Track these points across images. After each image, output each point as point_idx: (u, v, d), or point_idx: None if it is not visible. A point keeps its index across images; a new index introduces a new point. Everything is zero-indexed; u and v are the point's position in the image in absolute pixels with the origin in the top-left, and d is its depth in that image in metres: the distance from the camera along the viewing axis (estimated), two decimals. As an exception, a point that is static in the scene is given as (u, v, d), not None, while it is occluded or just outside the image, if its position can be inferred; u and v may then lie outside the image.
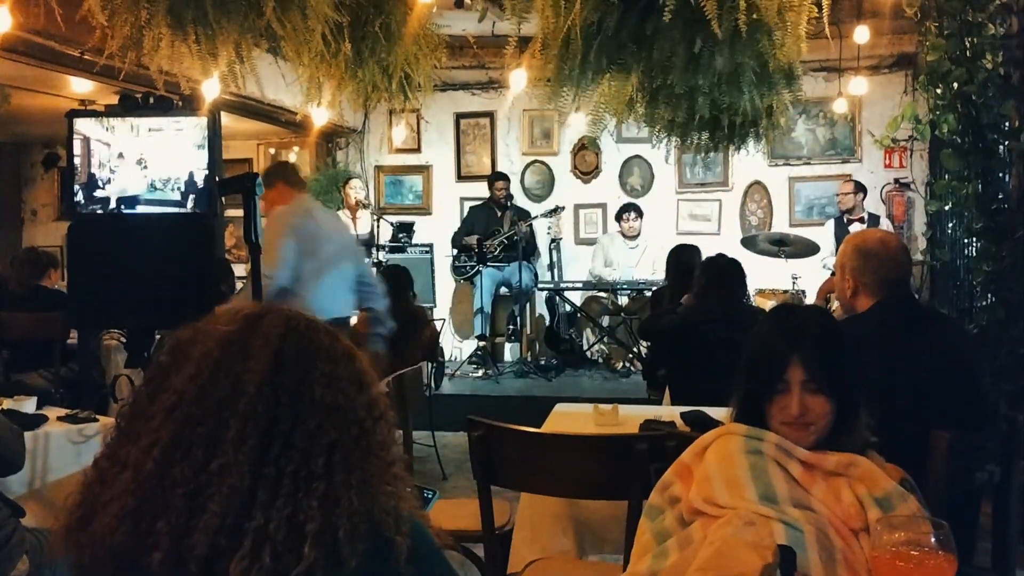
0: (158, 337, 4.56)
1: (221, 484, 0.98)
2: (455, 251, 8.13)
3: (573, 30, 3.11)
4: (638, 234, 7.92)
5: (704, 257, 4.70)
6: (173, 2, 3.35)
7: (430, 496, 1.54)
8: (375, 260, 7.51)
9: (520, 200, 8.40)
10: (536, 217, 7.90)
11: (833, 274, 3.07)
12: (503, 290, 7.94)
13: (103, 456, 1.06)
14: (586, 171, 8.74)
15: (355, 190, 7.78)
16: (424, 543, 1.12)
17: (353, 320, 4.45)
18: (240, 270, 6.52)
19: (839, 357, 1.78)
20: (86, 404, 4.26)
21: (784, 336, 1.79)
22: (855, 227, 7.32)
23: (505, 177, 8.13)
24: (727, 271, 4.16)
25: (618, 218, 7.99)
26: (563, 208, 8.08)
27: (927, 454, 2.28)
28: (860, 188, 7.46)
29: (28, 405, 3.45)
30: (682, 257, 5.09)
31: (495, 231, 7.78)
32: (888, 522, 1.39)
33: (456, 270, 8.13)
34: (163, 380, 1.06)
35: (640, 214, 7.92)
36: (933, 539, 1.31)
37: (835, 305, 3.48)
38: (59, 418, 3.42)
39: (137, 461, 1.00)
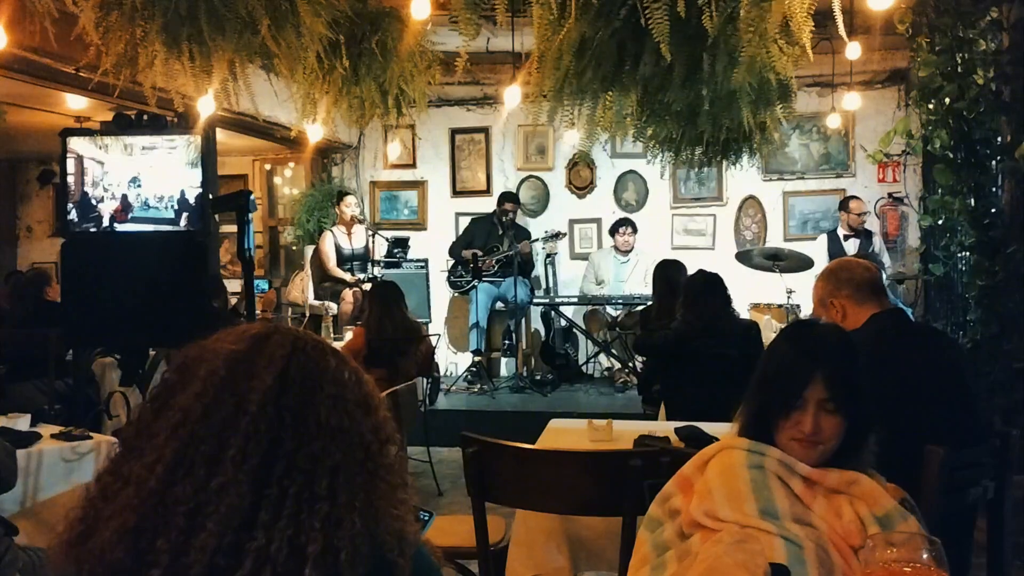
0: (152, 354, 4.56)
1: (220, 503, 0.98)
2: (450, 262, 8.12)
3: (566, 47, 3.12)
4: (631, 249, 7.94)
5: (690, 272, 4.72)
6: (168, 20, 3.36)
7: (426, 518, 1.53)
8: (370, 275, 7.51)
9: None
10: (536, 240, 7.90)
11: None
12: (499, 305, 7.94)
13: (106, 471, 1.06)
14: (581, 186, 8.76)
15: (350, 207, 7.79)
16: (427, 567, 1.12)
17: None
18: (234, 285, 6.53)
19: (857, 378, 1.78)
20: (80, 421, 4.25)
21: (806, 354, 1.79)
22: (851, 242, 7.35)
23: (515, 200, 8.13)
24: (707, 286, 4.18)
25: (612, 232, 8.01)
26: (564, 234, 8.11)
27: (921, 469, 2.28)
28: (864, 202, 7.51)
29: (22, 423, 3.43)
30: (668, 273, 5.10)
31: (494, 248, 7.79)
32: (881, 539, 1.38)
33: (452, 284, 8.13)
34: (169, 397, 1.07)
35: (635, 229, 7.94)
36: (926, 555, 1.31)
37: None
38: (53, 436, 3.40)
39: (140, 477, 1.00)
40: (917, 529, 1.64)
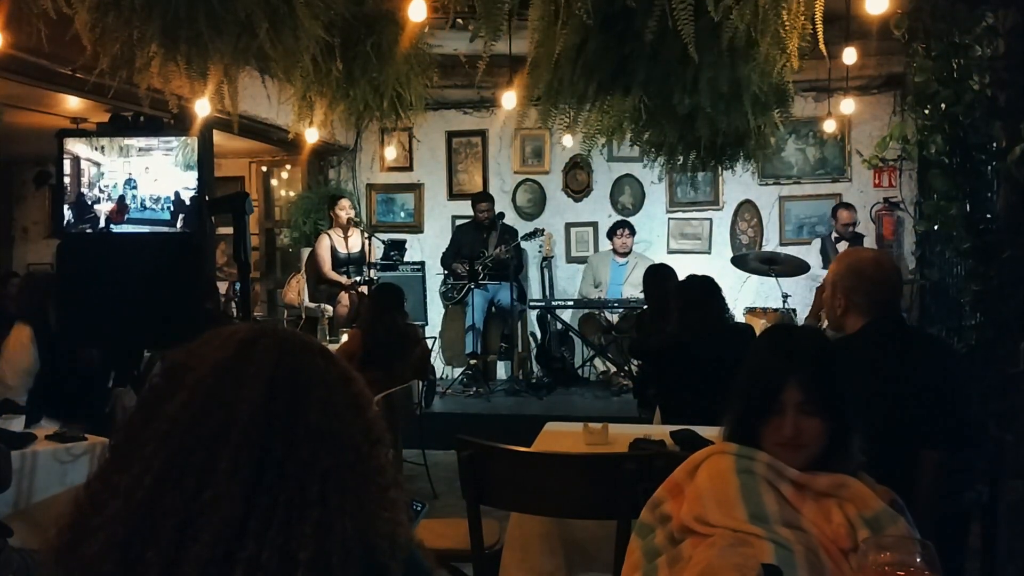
0: (147, 356, 4.55)
1: (213, 515, 0.96)
2: (444, 273, 8.11)
3: (563, 52, 3.13)
4: (629, 251, 7.95)
5: (681, 276, 4.74)
6: (167, 22, 3.36)
7: (419, 509, 1.53)
8: (366, 278, 7.50)
9: (511, 218, 8.40)
10: (515, 243, 7.84)
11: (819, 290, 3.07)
12: (493, 309, 7.94)
13: (96, 478, 1.04)
14: (577, 190, 8.76)
15: (344, 210, 7.78)
16: (419, 569, 1.11)
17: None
18: (223, 287, 6.51)
19: (835, 380, 1.78)
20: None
21: (781, 358, 1.80)
22: (842, 246, 7.35)
23: (487, 198, 8.07)
24: (703, 289, 4.19)
25: (610, 235, 8.02)
26: (543, 230, 8.06)
27: (916, 474, 2.28)
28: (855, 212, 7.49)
29: (16, 424, 3.43)
30: (658, 277, 5.14)
31: (481, 252, 7.77)
32: (874, 542, 1.39)
33: (444, 295, 8.11)
34: (156, 405, 1.05)
35: (633, 231, 7.95)
36: (919, 559, 1.31)
37: (826, 323, 3.51)
38: (47, 437, 3.40)
39: (128, 488, 0.99)
40: (906, 530, 1.64)
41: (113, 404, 4.70)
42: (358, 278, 7.58)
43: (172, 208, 3.23)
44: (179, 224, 3.22)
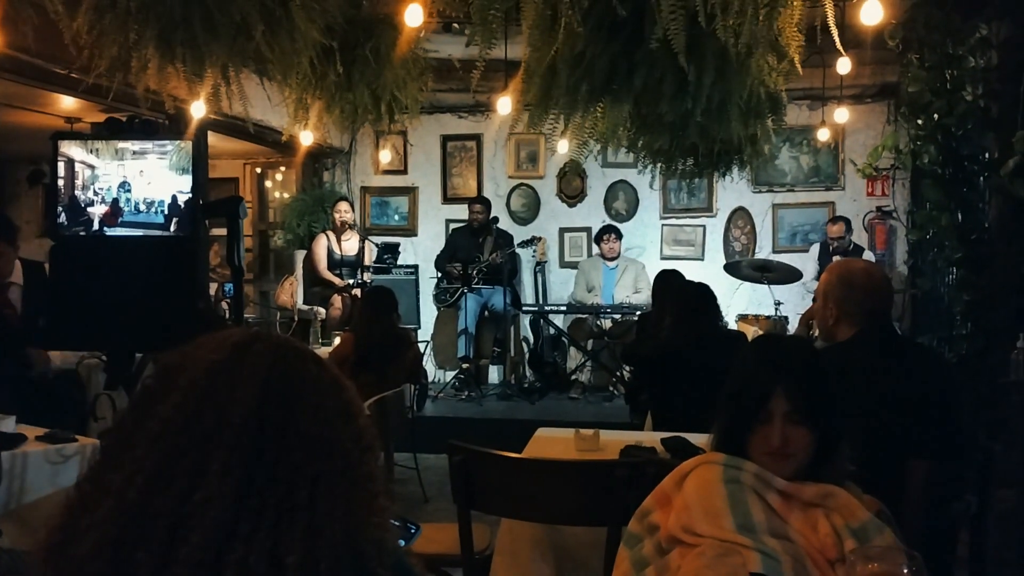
0: (139, 358, 4.54)
1: (204, 516, 0.97)
2: (437, 276, 8.12)
3: (558, 58, 3.14)
4: (617, 256, 7.96)
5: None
6: (162, 24, 3.36)
7: (414, 530, 1.53)
8: (359, 281, 7.50)
9: (505, 223, 8.40)
10: (511, 250, 7.82)
11: (815, 300, 3.09)
12: (487, 313, 7.94)
13: (86, 479, 1.04)
14: (571, 195, 8.78)
15: (339, 212, 7.79)
16: (407, 575, 1.11)
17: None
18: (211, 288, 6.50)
19: (822, 389, 1.79)
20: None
21: (768, 367, 1.80)
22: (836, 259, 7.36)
23: (482, 201, 8.08)
24: (699, 297, 4.20)
25: (598, 240, 8.03)
26: (539, 238, 8.09)
27: (905, 483, 2.29)
28: (849, 225, 7.47)
29: (6, 424, 3.41)
30: (666, 282, 5.13)
31: (476, 257, 7.78)
32: (862, 553, 1.40)
33: (436, 298, 8.11)
34: (149, 406, 1.05)
35: (619, 236, 7.96)
36: (906, 569, 1.32)
37: (817, 332, 3.52)
38: (37, 438, 3.38)
39: (120, 489, 0.99)
40: (893, 541, 1.65)
41: (97, 405, 4.68)
42: (350, 281, 7.58)
43: (166, 212, 3.23)
44: (173, 228, 3.23)
